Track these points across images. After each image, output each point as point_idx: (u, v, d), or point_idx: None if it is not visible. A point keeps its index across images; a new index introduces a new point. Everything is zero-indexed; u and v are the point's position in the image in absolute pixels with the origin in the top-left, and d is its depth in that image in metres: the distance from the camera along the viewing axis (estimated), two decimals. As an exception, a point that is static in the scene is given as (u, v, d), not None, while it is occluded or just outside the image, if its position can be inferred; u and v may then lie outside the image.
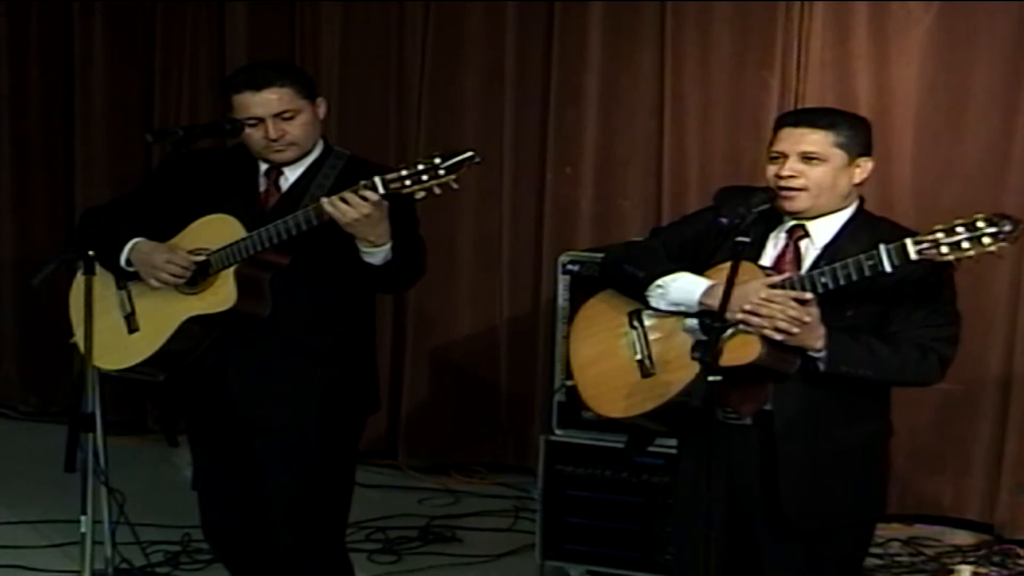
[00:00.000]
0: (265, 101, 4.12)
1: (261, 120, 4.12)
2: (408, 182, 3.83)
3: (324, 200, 3.94)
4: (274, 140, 4.12)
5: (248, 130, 4.16)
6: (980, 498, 5.94)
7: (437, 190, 3.82)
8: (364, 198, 3.87)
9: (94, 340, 4.26)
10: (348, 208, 3.89)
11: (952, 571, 5.51)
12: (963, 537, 5.92)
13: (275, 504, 4.27)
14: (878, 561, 5.56)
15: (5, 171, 7.24)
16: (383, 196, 3.87)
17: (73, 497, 4.36)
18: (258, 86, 4.13)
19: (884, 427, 3.89)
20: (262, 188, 4.22)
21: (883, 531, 5.67)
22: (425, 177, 3.81)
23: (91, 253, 4.19)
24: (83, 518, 4.31)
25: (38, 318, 7.19)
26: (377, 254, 4.00)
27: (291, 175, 4.21)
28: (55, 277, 4.25)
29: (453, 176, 3.79)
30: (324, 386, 4.17)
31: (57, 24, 7.09)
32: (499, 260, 6.53)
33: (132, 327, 4.29)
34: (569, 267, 5.26)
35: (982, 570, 5.58)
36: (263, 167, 4.23)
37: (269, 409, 4.18)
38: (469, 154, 3.80)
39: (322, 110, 4.23)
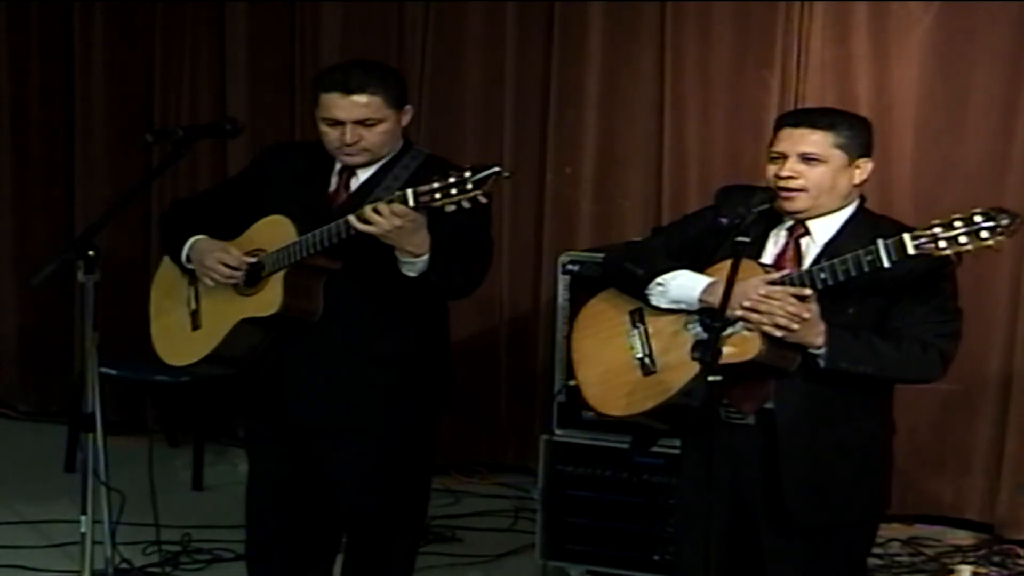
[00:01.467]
0: (351, 106, 4.06)
1: (341, 123, 4.08)
2: (438, 195, 3.80)
3: (357, 212, 3.91)
4: (348, 145, 4.09)
5: (325, 128, 4.11)
6: (980, 498, 5.94)
7: (466, 204, 3.79)
8: (391, 210, 3.85)
9: (164, 334, 4.30)
10: (380, 219, 3.87)
11: (952, 571, 5.51)
12: (963, 537, 5.92)
13: (344, 503, 4.28)
14: (878, 561, 5.56)
15: (5, 171, 7.23)
16: (414, 208, 3.85)
17: (73, 497, 4.36)
18: (350, 90, 4.06)
19: (886, 424, 3.90)
20: (332, 187, 4.19)
21: (883, 531, 5.65)
22: (454, 191, 3.78)
23: (91, 253, 4.20)
24: (83, 518, 4.31)
25: (38, 318, 7.19)
26: (415, 264, 3.97)
27: (362, 175, 4.17)
28: (55, 277, 4.26)
29: (481, 191, 3.77)
30: (385, 390, 4.15)
31: (57, 24, 7.09)
32: (499, 260, 6.52)
33: (196, 324, 4.29)
34: (569, 267, 5.25)
35: (982, 570, 5.58)
36: (338, 165, 4.19)
37: (324, 411, 4.17)
38: (497, 169, 3.78)
39: (407, 118, 4.18)
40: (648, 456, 4.85)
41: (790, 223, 3.82)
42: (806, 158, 3.76)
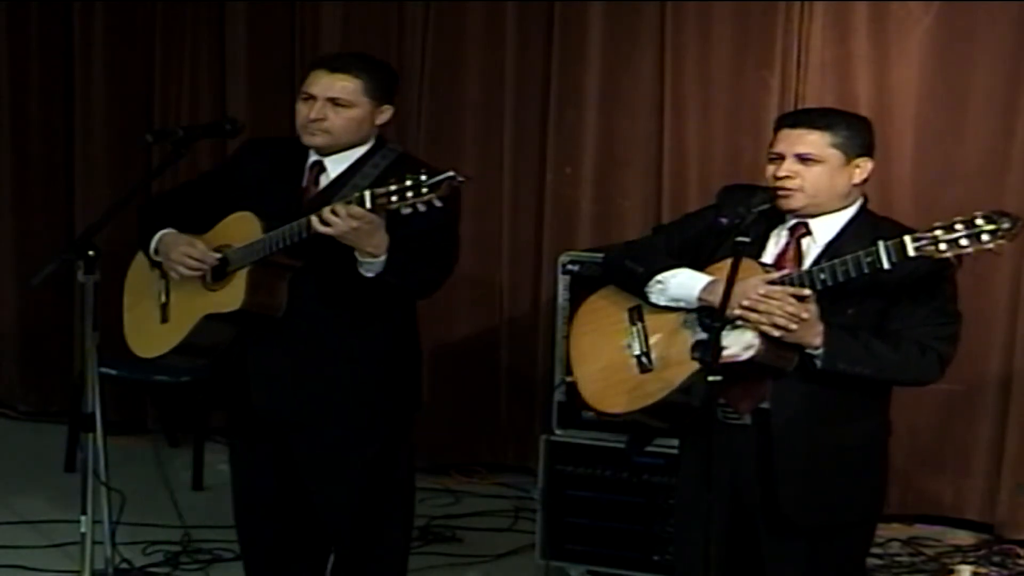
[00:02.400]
0: (329, 82, 4.11)
1: (314, 98, 4.12)
2: (394, 198, 3.83)
3: (316, 212, 3.94)
4: (312, 121, 4.11)
5: (299, 104, 4.15)
6: (980, 498, 5.94)
7: (421, 207, 3.82)
8: (348, 212, 3.87)
9: (134, 326, 4.33)
10: (337, 220, 3.89)
11: (952, 571, 5.51)
12: (963, 537, 5.92)
13: (315, 500, 4.29)
14: (878, 561, 5.56)
15: (5, 171, 7.23)
16: (371, 210, 3.87)
17: (73, 497, 4.36)
18: (334, 68, 4.13)
19: (883, 425, 3.90)
20: (304, 182, 4.21)
21: (883, 531, 5.67)
22: (410, 194, 3.81)
23: (91, 253, 4.21)
24: (83, 518, 4.32)
25: (38, 318, 7.19)
26: (372, 265, 4.00)
27: (332, 171, 4.19)
28: (55, 277, 4.26)
29: (435, 194, 3.79)
30: (352, 388, 4.17)
31: (57, 24, 7.09)
32: (499, 260, 6.53)
33: (164, 317, 4.31)
34: (569, 267, 5.26)
35: (982, 570, 5.58)
36: (309, 160, 4.21)
37: (288, 406, 4.19)
38: (450, 174, 3.81)
39: (383, 117, 4.21)
40: (648, 456, 4.86)
41: (792, 222, 3.82)
42: (802, 158, 3.76)
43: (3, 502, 5.99)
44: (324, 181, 4.19)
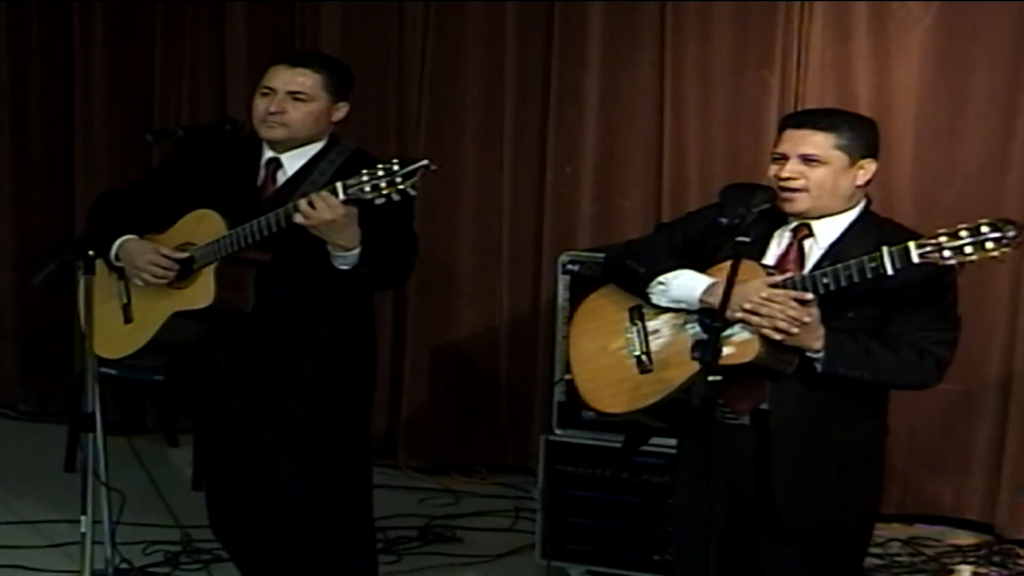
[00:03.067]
0: (289, 75, 4.17)
1: (274, 92, 4.16)
2: (367, 188, 3.84)
3: (292, 203, 3.95)
4: (271, 113, 4.14)
5: (257, 99, 4.20)
6: (980, 498, 5.94)
7: (396, 196, 3.83)
8: (326, 203, 3.89)
9: (95, 327, 4.30)
10: (312, 212, 3.90)
11: (952, 571, 5.51)
12: (963, 537, 5.92)
13: (282, 494, 4.30)
14: (878, 561, 5.56)
15: (5, 171, 7.23)
16: (344, 202, 3.88)
17: (73, 497, 4.36)
18: (294, 63, 4.20)
19: (880, 427, 3.89)
20: (260, 180, 4.23)
21: (883, 531, 5.68)
22: (383, 184, 3.83)
23: (91, 253, 4.21)
24: (83, 518, 4.31)
25: (38, 318, 7.19)
26: (347, 258, 4.01)
27: (289, 168, 4.22)
28: (55, 276, 4.26)
29: (410, 183, 3.81)
30: (316, 379, 4.20)
31: (57, 24, 7.09)
32: (499, 260, 6.53)
33: (127, 317, 4.33)
34: (569, 267, 5.25)
35: (982, 570, 5.58)
36: (264, 157, 4.23)
37: (258, 400, 4.21)
38: (424, 162, 3.83)
39: (339, 114, 4.23)
40: (648, 456, 4.86)
41: (795, 224, 3.82)
42: (807, 159, 3.75)
43: (3, 502, 5.99)
44: (281, 178, 4.21)
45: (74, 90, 7.09)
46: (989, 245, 3.48)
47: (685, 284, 3.79)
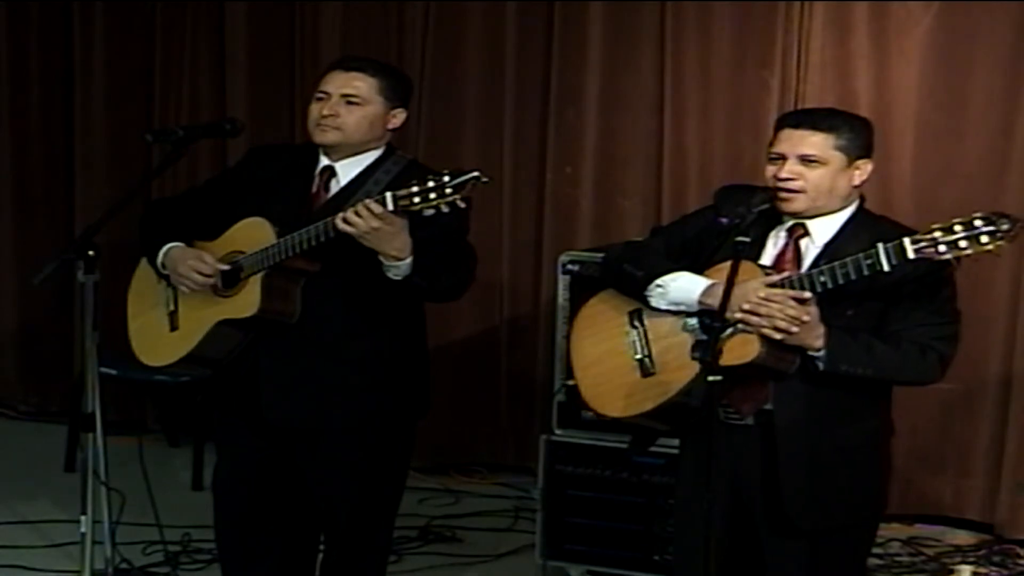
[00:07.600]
0: (344, 79, 4.13)
1: (328, 96, 4.13)
2: (417, 199, 3.82)
3: (340, 213, 3.93)
4: (324, 117, 4.12)
5: (312, 104, 4.17)
6: (980, 498, 5.94)
7: (444, 208, 3.81)
8: (372, 212, 3.87)
9: (141, 333, 4.31)
10: (359, 221, 3.88)
11: (952, 571, 5.51)
12: (963, 537, 5.92)
13: (322, 507, 4.29)
14: (878, 561, 5.56)
15: (5, 170, 7.23)
16: (392, 212, 3.86)
17: (73, 497, 4.36)
18: (348, 67, 4.17)
19: (885, 425, 3.90)
20: (313, 188, 4.20)
21: (883, 531, 5.66)
22: (433, 195, 3.80)
23: (91, 253, 4.21)
24: (83, 518, 4.32)
25: (38, 318, 7.19)
26: (399, 268, 3.98)
27: (343, 177, 4.18)
28: (55, 276, 4.26)
29: (459, 195, 3.78)
30: (362, 391, 4.16)
31: (57, 23, 7.09)
32: (499, 260, 6.53)
33: (173, 325, 4.30)
34: (569, 267, 5.26)
35: (982, 570, 5.58)
36: (320, 165, 4.20)
37: (300, 414, 4.17)
38: (475, 174, 3.80)
39: (395, 121, 4.20)
40: (648, 456, 4.86)
41: (790, 224, 3.82)
42: (806, 160, 3.76)
43: (3, 502, 5.99)
44: (335, 187, 4.18)
45: (74, 90, 7.09)
46: (983, 238, 3.49)
47: (683, 286, 3.79)
